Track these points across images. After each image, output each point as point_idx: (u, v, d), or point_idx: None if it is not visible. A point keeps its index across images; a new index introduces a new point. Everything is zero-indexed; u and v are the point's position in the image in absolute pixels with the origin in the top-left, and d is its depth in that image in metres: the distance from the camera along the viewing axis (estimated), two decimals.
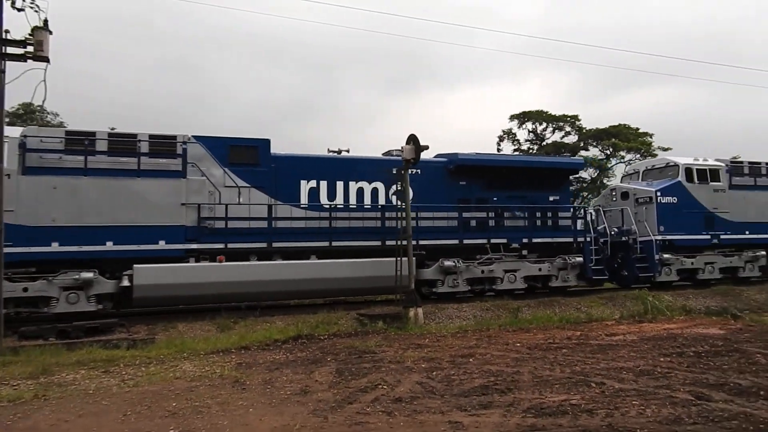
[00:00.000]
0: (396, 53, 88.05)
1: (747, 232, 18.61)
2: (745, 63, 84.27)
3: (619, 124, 39.37)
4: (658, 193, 17.56)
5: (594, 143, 40.40)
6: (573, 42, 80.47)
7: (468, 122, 79.74)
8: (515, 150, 40.90)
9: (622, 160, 38.70)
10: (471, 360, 8.60)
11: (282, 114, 77.50)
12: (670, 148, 37.37)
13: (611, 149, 39.33)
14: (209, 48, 78.51)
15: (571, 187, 37.64)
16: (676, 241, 17.55)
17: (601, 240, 16.74)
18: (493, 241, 15.66)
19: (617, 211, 17.96)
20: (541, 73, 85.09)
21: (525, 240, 16.01)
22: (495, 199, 16.08)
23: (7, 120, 10.89)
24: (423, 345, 10.04)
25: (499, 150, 40.85)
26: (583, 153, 39.74)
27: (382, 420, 5.71)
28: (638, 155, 37.72)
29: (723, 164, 18.78)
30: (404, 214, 13.92)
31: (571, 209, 17.20)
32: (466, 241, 15.38)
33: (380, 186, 15.10)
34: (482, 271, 15.43)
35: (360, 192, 14.92)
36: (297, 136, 69.66)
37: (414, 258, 14.49)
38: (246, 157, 13.86)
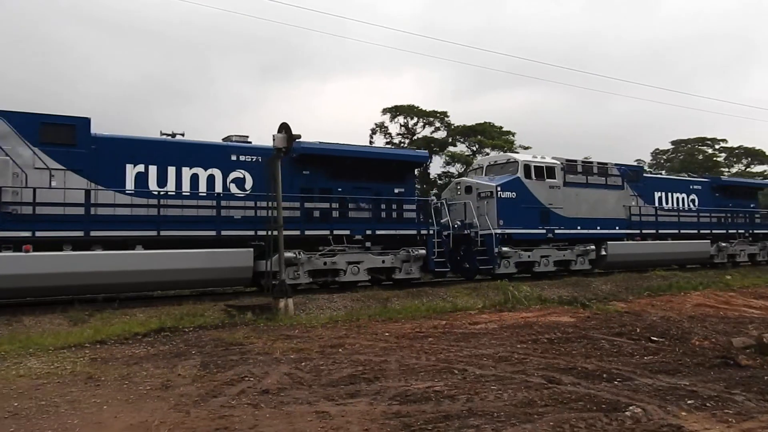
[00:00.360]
0: (270, 40, 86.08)
1: (579, 227, 19.95)
2: (598, 72, 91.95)
3: (484, 122, 41.05)
4: (499, 188, 18.28)
5: (461, 139, 41.86)
6: (446, 41, 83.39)
7: (343, 114, 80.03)
8: (387, 143, 41.37)
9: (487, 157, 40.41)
10: (340, 350, 8.58)
11: (152, 98, 73.07)
12: (530, 147, 39.67)
13: (477, 146, 40.95)
14: (68, 23, 72.08)
15: (433, 180, 39.15)
16: (514, 235, 18.36)
17: (444, 233, 17.15)
18: (336, 232, 15.51)
19: (461, 204, 18.51)
20: (415, 69, 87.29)
21: (368, 232, 16.00)
22: (339, 189, 15.90)
23: None
24: (292, 336, 9.84)
25: (371, 143, 41.11)
26: (451, 149, 41.09)
27: (248, 413, 5.54)
28: (501, 152, 39.52)
29: (558, 162, 19.91)
30: (273, 203, 13.62)
31: (416, 202, 17.44)
32: (308, 232, 15.09)
33: (217, 173, 14.41)
34: (325, 263, 15.26)
35: (194, 179, 14.13)
36: (167, 123, 66.05)
37: (252, 249, 14.09)
38: (61, 136, 12.62)
